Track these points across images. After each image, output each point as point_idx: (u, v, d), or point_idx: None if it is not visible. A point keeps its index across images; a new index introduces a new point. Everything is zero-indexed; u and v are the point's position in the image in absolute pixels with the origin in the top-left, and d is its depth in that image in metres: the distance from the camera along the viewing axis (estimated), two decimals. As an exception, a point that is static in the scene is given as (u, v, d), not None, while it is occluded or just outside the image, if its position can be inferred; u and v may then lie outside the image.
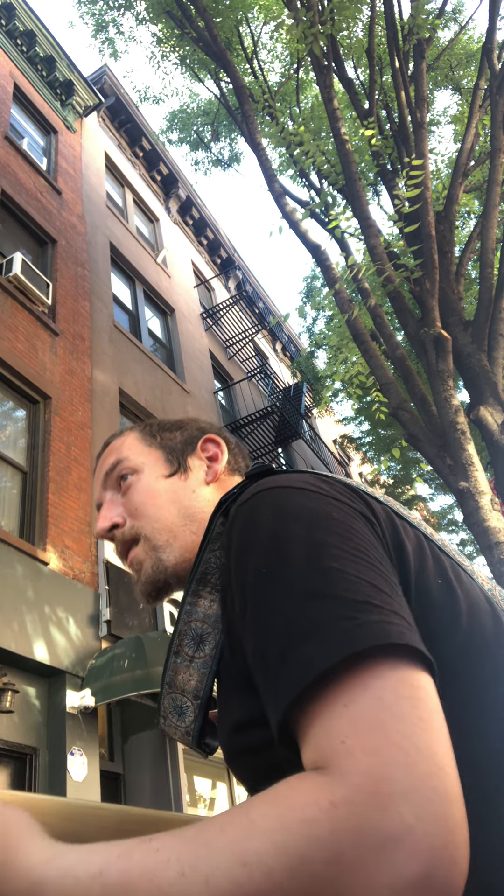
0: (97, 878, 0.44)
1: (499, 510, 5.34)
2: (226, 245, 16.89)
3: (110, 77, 13.32)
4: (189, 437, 0.91)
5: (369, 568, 0.53)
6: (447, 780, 0.42)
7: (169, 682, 0.72)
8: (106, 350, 9.02)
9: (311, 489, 0.61)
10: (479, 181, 8.71)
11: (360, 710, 0.44)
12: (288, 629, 0.50)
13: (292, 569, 0.53)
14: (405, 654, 0.47)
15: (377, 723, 0.43)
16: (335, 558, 0.52)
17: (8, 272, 7.51)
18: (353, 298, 7.84)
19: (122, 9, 9.95)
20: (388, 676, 0.46)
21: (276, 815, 0.42)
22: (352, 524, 0.57)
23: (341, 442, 17.28)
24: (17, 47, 10.81)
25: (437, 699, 0.47)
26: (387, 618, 0.48)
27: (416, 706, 0.45)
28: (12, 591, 5.48)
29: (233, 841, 0.42)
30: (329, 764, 0.43)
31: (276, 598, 0.52)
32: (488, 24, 6.53)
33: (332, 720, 0.45)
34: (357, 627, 0.47)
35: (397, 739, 0.42)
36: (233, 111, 9.09)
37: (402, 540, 0.62)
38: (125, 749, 6.26)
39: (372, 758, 0.42)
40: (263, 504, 0.60)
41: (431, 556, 0.63)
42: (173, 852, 0.43)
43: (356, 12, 7.36)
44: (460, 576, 0.64)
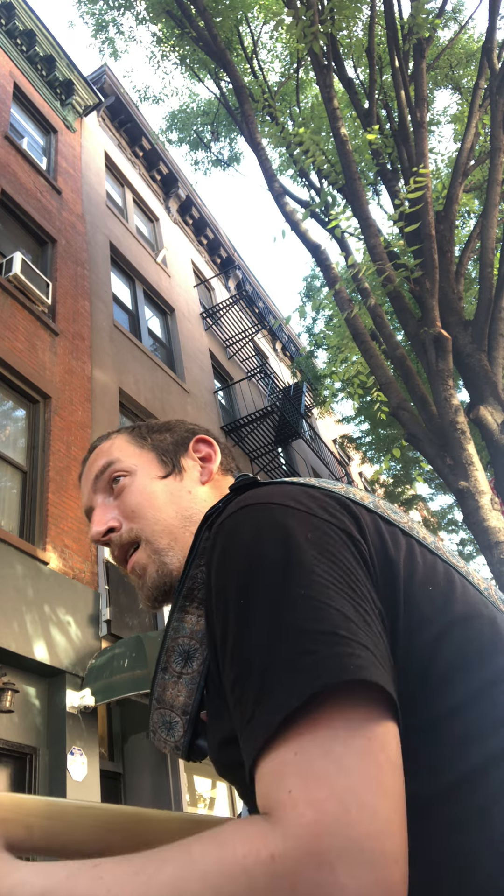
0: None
1: (499, 510, 5.34)
2: (226, 245, 16.89)
3: (110, 77, 13.32)
4: (180, 438, 0.89)
5: (340, 594, 0.52)
6: (387, 842, 0.42)
7: (157, 697, 0.72)
8: (106, 350, 9.02)
9: (292, 505, 0.60)
10: (479, 181, 8.71)
11: (308, 760, 0.44)
12: (260, 671, 0.49)
13: (264, 600, 0.52)
14: (363, 692, 0.47)
15: (323, 775, 0.43)
16: (306, 584, 0.52)
17: (8, 272, 7.51)
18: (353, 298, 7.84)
19: (122, 8, 9.95)
20: (340, 726, 0.45)
21: (217, 860, 0.43)
22: (329, 545, 0.56)
23: (341, 442, 17.29)
24: (16, 47, 10.81)
25: (393, 750, 0.46)
26: (349, 649, 0.48)
27: (366, 760, 0.44)
28: (12, 591, 5.48)
29: (172, 879, 0.43)
30: (275, 812, 0.43)
31: (251, 634, 0.52)
32: (488, 24, 6.52)
33: (281, 767, 0.45)
34: (315, 664, 0.47)
35: (342, 795, 0.42)
36: (233, 111, 9.09)
37: (390, 553, 0.60)
38: (125, 749, 6.26)
39: (314, 812, 0.42)
40: (241, 524, 0.59)
41: (423, 562, 0.62)
42: (115, 883, 0.44)
43: (356, 11, 7.36)
44: (454, 580, 0.62)
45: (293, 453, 15.22)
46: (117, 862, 0.46)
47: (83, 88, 11.85)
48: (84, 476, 0.89)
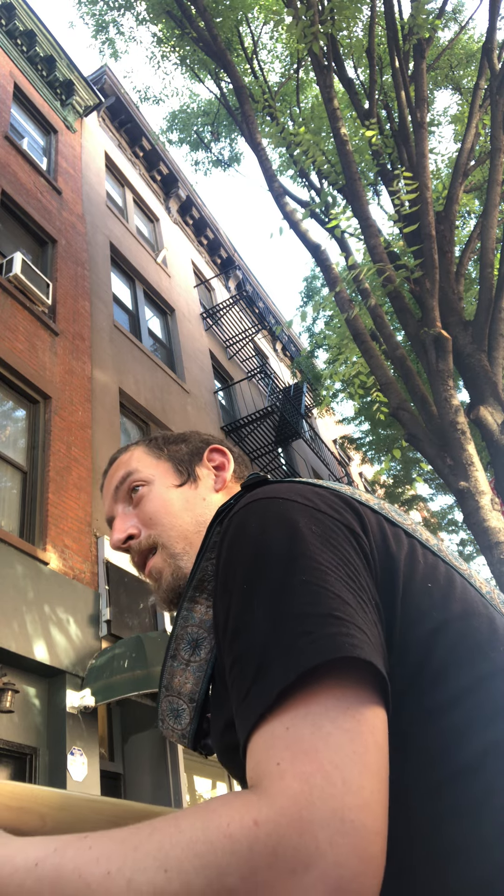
0: (32, 870, 0.47)
1: (499, 510, 5.34)
2: (226, 245, 16.89)
3: (110, 77, 13.32)
4: (195, 448, 0.94)
5: (339, 581, 0.54)
6: (369, 816, 0.43)
7: (166, 685, 0.74)
8: (106, 350, 9.02)
9: (298, 500, 0.63)
10: (480, 181, 8.71)
11: (298, 735, 0.46)
12: (259, 653, 0.51)
13: (267, 587, 0.54)
14: (354, 671, 0.49)
15: (312, 750, 0.45)
16: (307, 571, 0.54)
17: (8, 272, 7.51)
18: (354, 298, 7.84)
19: (123, 9, 9.95)
20: (332, 705, 0.47)
21: (202, 827, 0.44)
22: (331, 537, 0.59)
23: (341, 442, 17.28)
24: (17, 47, 10.81)
25: (380, 731, 0.48)
26: (344, 629, 0.50)
27: (354, 739, 0.46)
28: (12, 591, 5.48)
29: (158, 847, 0.44)
30: (262, 783, 0.45)
31: (252, 620, 0.54)
32: (488, 24, 6.52)
33: (273, 740, 0.47)
34: (311, 642, 0.49)
35: (328, 770, 0.44)
36: (233, 111, 9.09)
37: (391, 549, 0.62)
38: (125, 749, 6.26)
39: (301, 784, 0.44)
40: (249, 517, 0.62)
41: (424, 562, 0.64)
42: (103, 851, 0.46)
43: (356, 12, 7.36)
44: (454, 580, 0.64)
45: (293, 453, 15.21)
46: (106, 833, 0.48)
47: (83, 89, 11.86)
48: (105, 487, 0.94)
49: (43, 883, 0.46)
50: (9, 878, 0.47)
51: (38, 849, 0.48)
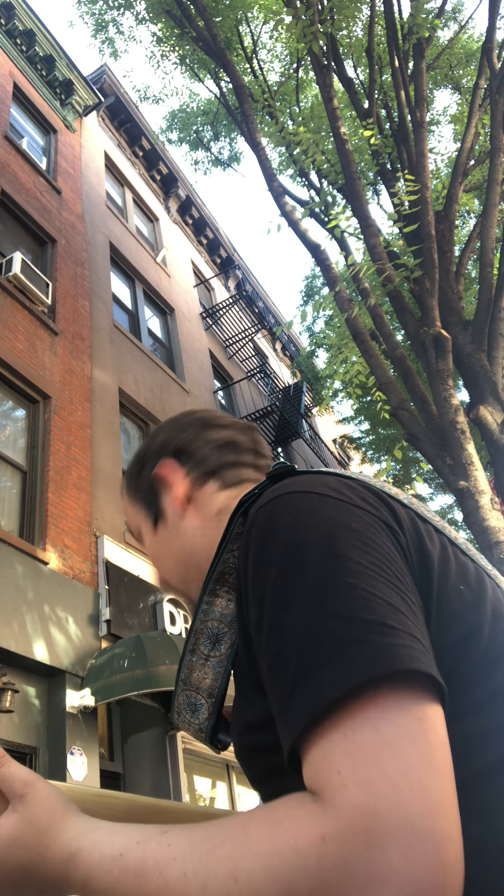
0: (118, 859, 0.49)
1: (499, 510, 5.34)
2: (225, 244, 16.89)
3: (110, 76, 13.31)
4: (149, 472, 0.86)
5: (388, 585, 0.52)
6: (440, 820, 0.41)
7: (184, 679, 0.72)
8: (106, 350, 9.02)
9: (333, 495, 0.60)
10: (479, 180, 8.70)
11: (358, 741, 0.44)
12: (302, 652, 0.49)
13: (308, 585, 0.52)
14: (414, 682, 0.47)
15: (373, 756, 0.43)
16: (352, 573, 0.51)
17: (8, 272, 7.50)
18: (353, 298, 7.84)
19: (122, 8, 9.94)
20: (391, 707, 0.45)
21: (270, 839, 0.43)
22: (373, 535, 0.56)
23: (341, 442, 17.28)
24: (16, 47, 10.81)
25: (442, 732, 0.46)
26: (401, 640, 0.48)
27: (417, 740, 0.44)
28: (12, 591, 5.48)
29: (229, 855, 0.44)
30: (323, 793, 0.44)
31: (292, 617, 0.51)
32: (488, 24, 6.52)
33: (330, 748, 0.45)
34: (368, 652, 0.47)
35: (392, 774, 0.42)
36: (232, 111, 9.09)
37: (426, 547, 0.60)
38: (125, 749, 6.26)
39: (364, 793, 0.42)
40: (281, 510, 0.59)
41: (455, 561, 0.62)
42: (180, 851, 0.46)
43: (356, 11, 7.36)
44: (484, 581, 0.62)
45: (293, 453, 15.22)
46: (183, 831, 0.48)
47: (83, 88, 11.85)
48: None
49: (127, 874, 0.48)
50: (98, 864, 0.49)
51: (123, 838, 0.50)
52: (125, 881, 0.47)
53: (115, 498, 7.56)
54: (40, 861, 0.51)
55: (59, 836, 0.52)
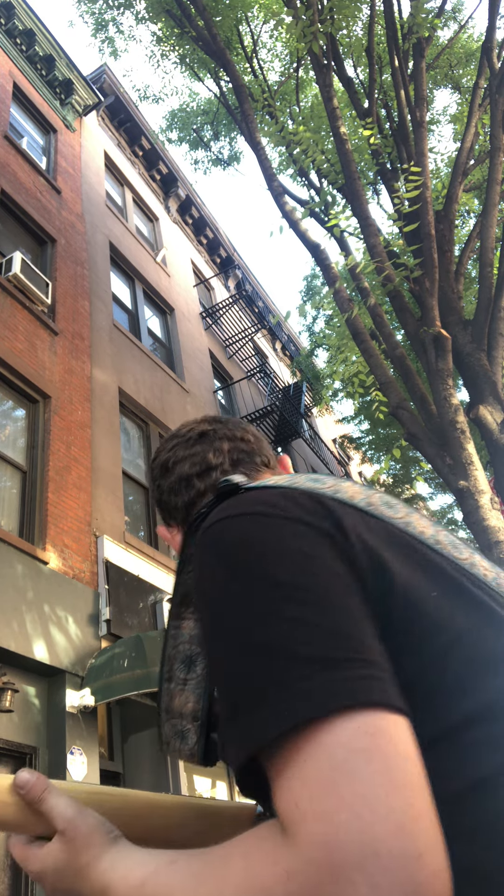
0: (139, 889, 0.51)
1: (498, 509, 5.34)
2: (225, 244, 16.88)
3: (110, 76, 13.31)
4: (188, 499, 0.85)
5: (328, 606, 0.50)
6: (407, 839, 0.40)
7: (166, 708, 0.71)
8: (105, 349, 9.02)
9: (269, 513, 0.58)
10: (479, 180, 8.70)
11: (312, 770, 0.43)
12: (243, 685, 0.49)
13: (244, 617, 0.51)
14: (363, 701, 0.46)
15: (329, 784, 0.42)
16: (291, 600, 0.50)
17: (7, 271, 7.50)
18: (353, 298, 7.84)
19: (122, 8, 9.94)
20: (341, 730, 0.44)
21: (243, 875, 0.44)
22: (310, 551, 0.55)
23: (341, 441, 17.28)
24: (16, 46, 10.80)
25: (403, 744, 0.44)
26: (341, 673, 0.46)
27: (372, 759, 0.42)
28: (12, 591, 5.48)
29: (215, 888, 0.46)
30: (287, 827, 0.43)
31: (231, 650, 0.51)
32: (488, 23, 6.52)
33: (287, 781, 0.44)
34: (309, 692, 0.45)
35: (350, 800, 0.41)
36: (232, 110, 9.09)
37: (381, 556, 0.57)
38: (125, 748, 6.26)
39: (323, 824, 0.41)
40: (220, 538, 0.58)
41: (424, 564, 0.59)
42: (181, 883, 0.49)
43: (356, 11, 7.36)
44: (461, 586, 0.59)
45: (293, 453, 15.21)
46: (187, 862, 0.51)
47: (83, 88, 11.85)
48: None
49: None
50: (125, 894, 0.52)
51: (142, 868, 0.53)
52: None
53: (115, 498, 7.56)
54: (81, 888, 0.56)
55: (94, 871, 0.55)
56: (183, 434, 0.91)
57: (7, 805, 0.58)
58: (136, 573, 7.03)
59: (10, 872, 4.64)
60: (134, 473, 8.45)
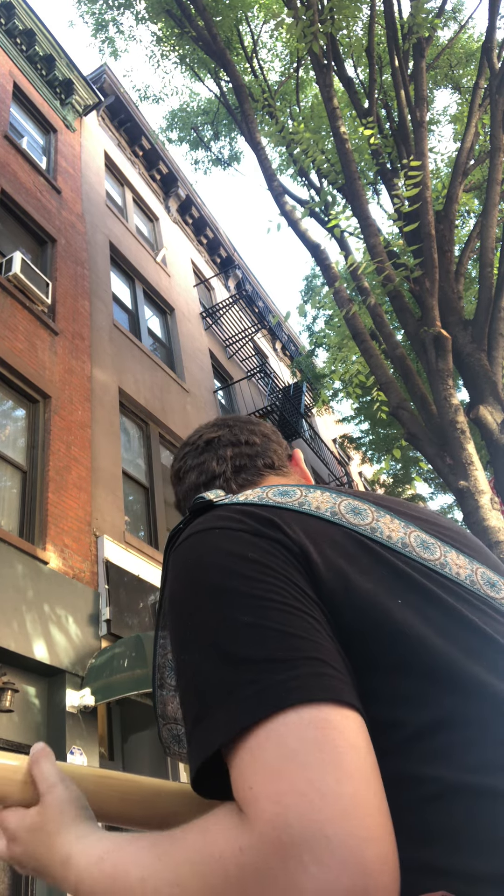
0: (98, 864, 0.54)
1: (498, 509, 5.35)
2: (225, 244, 16.88)
3: (110, 76, 13.31)
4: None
5: (281, 610, 0.53)
6: (355, 823, 0.42)
7: (161, 714, 0.75)
8: (106, 349, 9.02)
9: (226, 526, 0.62)
10: (479, 180, 8.70)
11: (264, 757, 0.46)
12: (198, 690, 0.53)
13: (201, 628, 0.55)
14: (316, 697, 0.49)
15: (280, 769, 0.45)
16: (243, 607, 0.54)
17: (7, 271, 7.50)
18: (353, 298, 7.84)
19: (122, 8, 9.94)
20: (293, 722, 0.47)
21: (201, 848, 0.47)
22: (266, 562, 0.57)
23: (341, 441, 17.28)
24: (16, 46, 10.80)
25: (354, 736, 0.47)
26: (290, 672, 0.49)
27: (322, 748, 0.45)
28: (12, 591, 5.48)
29: (173, 862, 0.49)
30: (242, 808, 0.46)
31: (188, 659, 0.55)
32: (488, 24, 6.52)
33: (242, 766, 0.47)
34: (259, 693, 0.49)
35: (300, 786, 0.44)
36: (232, 110, 9.09)
37: (338, 566, 0.58)
38: (125, 748, 6.26)
39: (275, 805, 0.44)
40: (184, 553, 0.63)
41: (389, 571, 0.60)
42: (142, 858, 0.51)
43: (356, 11, 7.36)
44: (428, 591, 0.59)
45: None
46: (150, 839, 0.53)
47: (83, 88, 11.85)
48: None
49: (104, 876, 0.53)
50: (85, 868, 0.55)
51: (104, 844, 0.55)
52: (102, 882, 0.52)
53: (116, 498, 7.56)
54: (48, 857, 0.58)
55: (60, 840, 0.58)
56: (192, 442, 0.98)
57: (12, 782, 0.65)
58: (136, 573, 7.03)
59: (11, 872, 4.64)
60: (134, 473, 8.45)
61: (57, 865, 0.57)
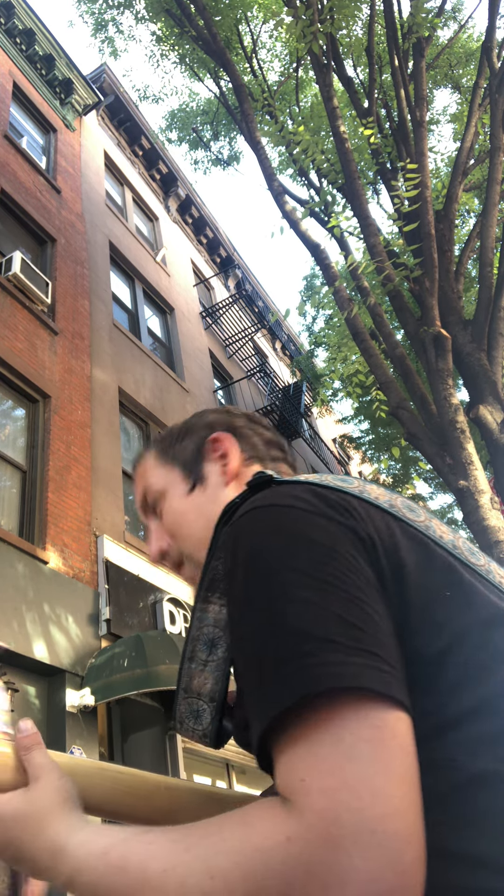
0: (102, 856, 0.52)
1: (498, 509, 5.35)
2: (225, 244, 16.88)
3: (109, 76, 13.31)
4: (198, 441, 0.90)
5: (345, 598, 0.53)
6: (400, 823, 0.44)
7: (185, 687, 0.74)
8: (105, 349, 9.02)
9: (299, 506, 0.61)
10: (479, 180, 8.71)
11: (320, 750, 0.47)
12: (259, 664, 0.52)
13: (266, 600, 0.54)
14: (372, 692, 0.48)
15: (334, 764, 0.46)
16: (308, 587, 0.53)
17: (7, 271, 7.50)
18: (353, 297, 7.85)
19: (122, 7, 9.94)
20: (351, 717, 0.47)
21: (241, 838, 0.47)
22: (336, 546, 0.57)
23: (341, 441, 17.29)
24: (16, 46, 10.80)
25: (404, 738, 0.48)
26: (346, 657, 0.49)
27: (376, 748, 0.46)
28: (12, 591, 5.48)
29: (206, 853, 0.48)
30: (290, 798, 0.47)
31: (252, 630, 0.54)
32: (488, 23, 6.52)
33: (294, 757, 0.48)
34: (314, 667, 0.49)
35: (352, 782, 0.45)
36: (232, 110, 9.09)
37: (401, 556, 0.59)
38: (125, 748, 6.26)
39: (326, 799, 0.44)
40: (251, 525, 0.61)
41: (441, 566, 0.61)
42: (161, 849, 0.50)
43: (356, 11, 7.36)
44: (471, 584, 0.61)
45: (293, 453, 15.19)
46: (164, 831, 0.52)
47: (82, 87, 11.84)
48: (135, 499, 0.94)
49: (112, 870, 0.51)
50: (84, 860, 0.52)
51: (108, 837, 0.53)
52: (110, 876, 0.51)
53: (115, 497, 7.56)
54: (32, 846, 0.55)
55: (51, 829, 0.55)
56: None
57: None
58: (136, 573, 7.03)
59: (11, 871, 4.64)
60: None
61: (44, 855, 0.55)
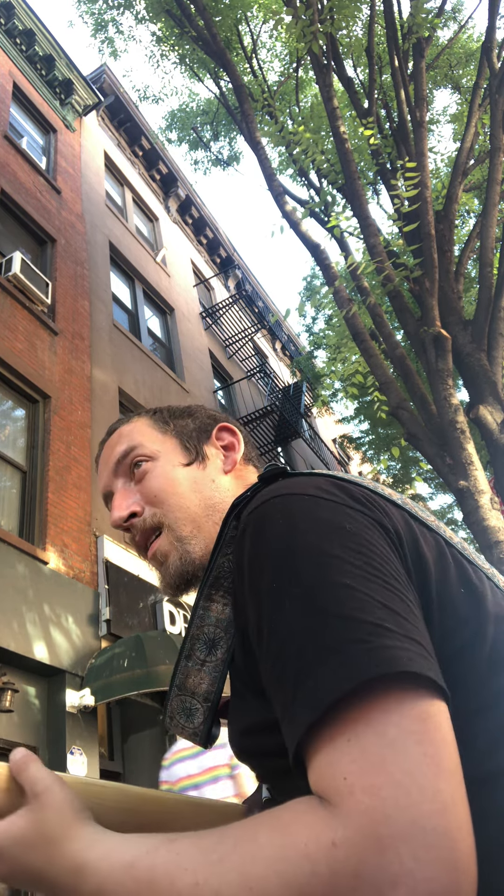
0: (129, 870, 0.48)
1: (498, 509, 5.35)
2: (225, 244, 16.88)
3: (109, 76, 13.31)
4: (202, 424, 0.88)
5: (384, 587, 0.51)
6: (451, 819, 0.41)
7: (179, 684, 0.72)
8: (105, 349, 9.02)
9: (325, 496, 0.59)
10: (479, 180, 8.71)
11: (363, 745, 0.44)
12: (299, 654, 0.49)
13: (303, 586, 0.52)
14: (415, 682, 0.46)
15: (379, 760, 0.43)
16: (348, 575, 0.51)
17: (7, 271, 7.50)
18: (353, 297, 7.85)
19: (122, 8, 9.94)
20: (394, 710, 0.45)
21: (280, 845, 0.44)
22: (367, 536, 0.55)
23: (341, 441, 17.29)
24: (16, 46, 10.80)
25: (448, 731, 0.46)
26: (399, 643, 0.47)
27: (422, 741, 0.44)
28: (12, 591, 5.48)
29: (241, 862, 0.44)
30: (332, 799, 0.44)
31: (288, 619, 0.51)
32: (488, 23, 6.52)
33: (335, 754, 0.45)
34: (368, 652, 0.46)
35: (399, 778, 0.42)
36: (232, 110, 9.09)
37: (421, 549, 0.59)
38: (125, 748, 6.26)
39: (372, 798, 0.42)
40: (274, 513, 0.58)
41: (454, 563, 0.61)
42: (191, 860, 0.47)
43: (355, 11, 7.36)
44: (483, 582, 0.62)
45: (293, 453, 15.21)
46: (191, 839, 0.49)
47: (82, 88, 11.85)
48: (103, 459, 0.86)
49: (139, 884, 0.47)
50: (108, 875, 0.49)
51: (133, 848, 0.50)
52: (137, 891, 0.47)
53: (115, 497, 7.56)
54: (48, 868, 0.52)
55: (68, 846, 0.52)
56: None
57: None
58: (136, 573, 7.03)
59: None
60: (134, 473, 8.45)
61: (64, 875, 0.51)
